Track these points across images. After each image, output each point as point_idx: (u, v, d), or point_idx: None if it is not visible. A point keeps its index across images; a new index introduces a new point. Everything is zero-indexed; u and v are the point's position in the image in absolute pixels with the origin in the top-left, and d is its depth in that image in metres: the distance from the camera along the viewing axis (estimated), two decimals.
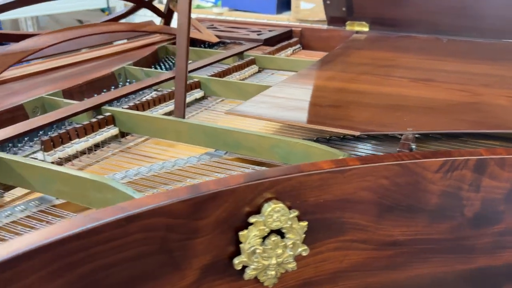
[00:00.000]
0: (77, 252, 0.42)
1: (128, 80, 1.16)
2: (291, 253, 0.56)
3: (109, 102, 0.88)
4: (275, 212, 0.53)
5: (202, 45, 1.53)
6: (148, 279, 0.49)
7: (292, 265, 0.57)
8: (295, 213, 0.54)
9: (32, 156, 0.76)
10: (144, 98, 0.97)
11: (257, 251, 0.53)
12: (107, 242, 0.44)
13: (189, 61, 1.20)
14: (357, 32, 1.59)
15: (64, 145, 0.76)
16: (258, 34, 1.56)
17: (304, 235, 0.56)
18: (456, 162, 0.60)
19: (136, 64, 1.22)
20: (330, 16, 1.65)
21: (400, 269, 0.65)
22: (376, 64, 1.16)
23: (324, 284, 0.62)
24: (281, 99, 0.86)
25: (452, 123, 0.75)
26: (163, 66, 1.32)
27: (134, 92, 0.96)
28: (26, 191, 0.69)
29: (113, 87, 1.11)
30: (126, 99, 1.01)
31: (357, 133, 0.70)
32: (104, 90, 1.08)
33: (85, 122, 0.80)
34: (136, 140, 0.88)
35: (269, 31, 1.63)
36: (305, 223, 0.55)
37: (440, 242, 0.64)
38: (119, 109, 0.85)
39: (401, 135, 0.72)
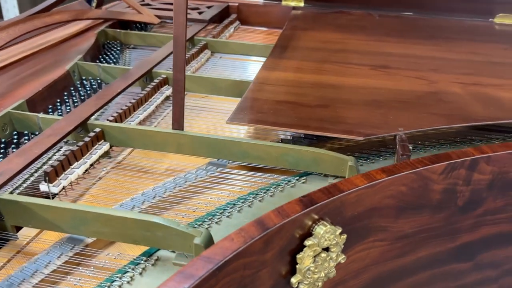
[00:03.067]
0: None
1: (84, 78, 1.09)
2: (334, 263, 0.62)
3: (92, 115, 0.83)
4: (326, 233, 0.58)
5: (135, 26, 1.46)
6: None
7: (333, 273, 0.63)
8: (339, 230, 0.60)
9: (25, 187, 0.71)
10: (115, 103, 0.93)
11: (311, 268, 0.59)
12: None
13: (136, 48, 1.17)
14: (293, 8, 1.62)
15: (66, 172, 0.72)
16: (200, 13, 1.52)
17: (343, 246, 0.62)
18: (456, 164, 0.69)
19: (85, 58, 1.14)
20: None
21: (406, 256, 0.75)
22: (329, 49, 1.22)
23: (350, 281, 0.69)
24: (268, 103, 0.88)
25: (429, 119, 0.85)
26: (111, 56, 1.25)
27: (113, 99, 0.91)
28: (37, 230, 0.65)
29: (72, 88, 1.04)
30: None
31: (361, 139, 0.77)
32: (65, 93, 1.01)
33: (80, 143, 0.76)
34: (123, 152, 0.85)
35: (207, 7, 1.60)
36: (344, 236, 0.61)
37: (437, 229, 0.75)
38: (108, 123, 0.82)
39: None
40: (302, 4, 1.65)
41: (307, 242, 0.57)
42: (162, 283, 0.44)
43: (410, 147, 0.76)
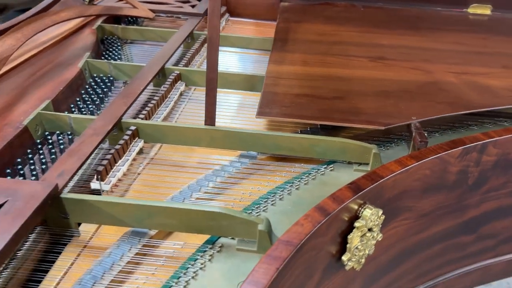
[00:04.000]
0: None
1: (95, 75, 1.10)
2: (374, 242, 0.69)
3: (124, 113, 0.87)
4: (372, 215, 0.65)
5: (127, 20, 1.46)
6: None
7: (372, 250, 0.70)
8: (381, 211, 0.67)
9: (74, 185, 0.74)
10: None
11: (358, 247, 0.66)
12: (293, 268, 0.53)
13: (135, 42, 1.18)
14: (281, 0, 1.67)
15: (113, 170, 0.75)
16: (192, 6, 1.55)
17: (381, 226, 0.70)
18: (469, 148, 0.78)
19: (93, 55, 1.16)
20: None
21: (425, 231, 0.83)
22: (326, 42, 1.28)
23: (380, 256, 0.77)
24: (288, 97, 0.94)
25: (436, 107, 0.93)
26: (114, 52, 1.26)
27: (138, 97, 0.94)
28: (96, 226, 0.69)
29: (87, 86, 1.05)
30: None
31: (382, 128, 0.84)
32: (82, 91, 1.03)
33: (121, 142, 0.79)
34: (154, 148, 0.89)
35: (198, 0, 1.62)
36: (383, 217, 0.69)
37: (450, 206, 0.84)
38: (143, 121, 0.85)
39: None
40: None
41: (357, 224, 0.64)
42: (256, 265, 0.50)
43: (426, 134, 0.84)
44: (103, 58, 1.23)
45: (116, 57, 1.23)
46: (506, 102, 0.98)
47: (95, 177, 0.72)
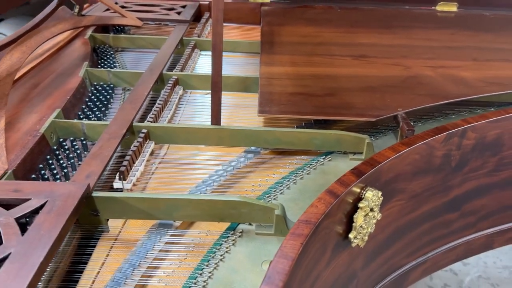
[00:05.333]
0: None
1: (95, 83, 1.15)
2: (375, 220, 0.77)
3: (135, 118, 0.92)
4: (373, 196, 0.73)
5: (114, 28, 1.51)
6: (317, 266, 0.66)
7: (373, 229, 0.79)
8: (380, 193, 0.75)
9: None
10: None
11: (362, 225, 0.74)
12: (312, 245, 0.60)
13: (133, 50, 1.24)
14: (261, 4, 1.75)
15: (132, 170, 0.81)
16: (178, 13, 1.60)
17: (380, 206, 0.78)
18: (452, 133, 0.87)
19: (90, 64, 1.21)
20: None
21: (415, 211, 0.92)
22: (310, 43, 1.37)
23: (378, 235, 0.86)
24: (284, 96, 1.02)
25: (418, 99, 1.03)
26: (109, 60, 1.31)
27: (143, 102, 1.00)
28: (122, 221, 0.75)
29: (90, 94, 1.10)
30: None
31: (373, 119, 0.93)
32: (87, 99, 1.08)
33: (136, 144, 0.85)
34: (163, 149, 0.95)
35: (182, 6, 1.68)
36: (382, 198, 0.77)
37: (436, 187, 0.93)
38: (153, 124, 0.91)
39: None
40: (268, 0, 1.78)
41: (361, 204, 0.72)
42: (283, 242, 0.57)
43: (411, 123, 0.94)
44: (99, 66, 1.28)
45: (112, 65, 1.29)
46: (479, 91, 1.08)
47: (118, 177, 0.78)
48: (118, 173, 0.78)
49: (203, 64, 1.35)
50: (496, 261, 2.20)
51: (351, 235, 0.73)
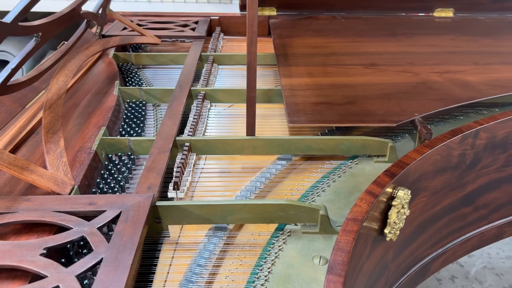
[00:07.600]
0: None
1: (128, 100, 1.23)
2: (405, 216, 0.86)
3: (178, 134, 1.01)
4: (404, 195, 0.82)
5: (133, 47, 1.59)
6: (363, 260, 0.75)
7: (403, 224, 0.87)
8: (409, 192, 0.84)
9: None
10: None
11: (396, 221, 0.83)
12: (359, 240, 0.68)
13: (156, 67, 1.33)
14: (270, 17, 1.84)
15: (182, 181, 0.89)
16: (193, 29, 1.69)
17: (408, 203, 0.87)
18: (466, 135, 0.96)
19: (121, 83, 1.28)
20: (242, 4, 1.86)
21: (436, 207, 1.02)
22: (321, 53, 1.46)
23: (406, 229, 0.95)
24: (308, 105, 1.11)
25: (432, 104, 1.12)
26: (135, 78, 1.39)
27: (181, 117, 1.08)
28: (179, 226, 0.83)
29: (126, 111, 1.18)
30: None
31: (394, 125, 1.02)
32: (124, 116, 1.16)
33: (183, 157, 0.93)
34: (201, 159, 1.03)
35: (194, 22, 1.77)
36: (410, 196, 0.86)
37: (453, 183, 1.02)
38: (195, 137, 0.99)
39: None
40: (274, 13, 1.87)
41: (394, 202, 0.81)
42: (337, 238, 0.66)
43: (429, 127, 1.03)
44: (127, 84, 1.36)
45: (139, 82, 1.36)
46: (484, 94, 1.18)
47: (172, 187, 0.86)
48: (172, 183, 0.86)
49: (222, 78, 1.43)
50: (499, 251, 2.31)
51: (386, 230, 0.82)
